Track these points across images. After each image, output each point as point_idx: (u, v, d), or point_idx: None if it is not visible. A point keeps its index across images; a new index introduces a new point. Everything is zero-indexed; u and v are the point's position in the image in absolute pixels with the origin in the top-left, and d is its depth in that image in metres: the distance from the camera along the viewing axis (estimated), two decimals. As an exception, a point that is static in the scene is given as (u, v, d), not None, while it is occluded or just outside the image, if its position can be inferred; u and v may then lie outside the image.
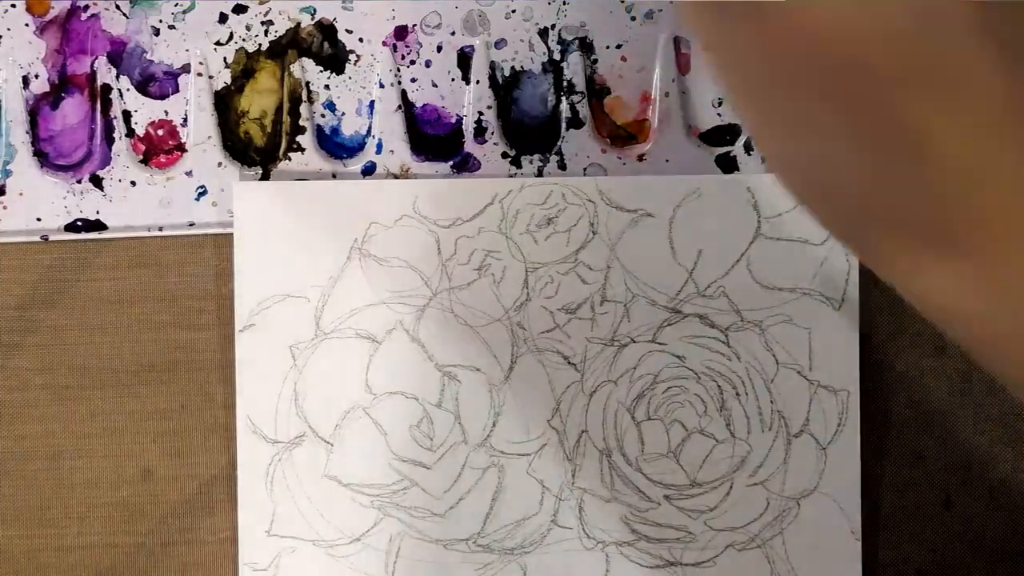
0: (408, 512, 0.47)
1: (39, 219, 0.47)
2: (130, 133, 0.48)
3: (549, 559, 0.47)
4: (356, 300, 0.47)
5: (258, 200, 0.47)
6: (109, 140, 0.48)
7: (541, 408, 0.47)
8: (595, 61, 0.49)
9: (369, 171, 0.48)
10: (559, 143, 0.48)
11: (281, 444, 0.47)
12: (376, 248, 0.47)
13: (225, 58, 0.48)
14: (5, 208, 0.47)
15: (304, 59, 0.48)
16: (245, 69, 0.48)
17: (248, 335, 0.47)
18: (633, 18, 0.48)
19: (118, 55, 0.48)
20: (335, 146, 0.48)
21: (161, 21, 0.48)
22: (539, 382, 0.48)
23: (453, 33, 0.48)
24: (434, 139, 0.49)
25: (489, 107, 0.48)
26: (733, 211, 0.48)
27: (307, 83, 0.48)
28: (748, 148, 0.49)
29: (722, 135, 0.49)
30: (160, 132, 0.48)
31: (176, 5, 0.47)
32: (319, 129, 0.48)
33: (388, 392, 0.47)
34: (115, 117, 0.48)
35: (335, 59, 0.48)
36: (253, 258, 0.47)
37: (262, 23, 0.48)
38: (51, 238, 0.47)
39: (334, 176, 0.48)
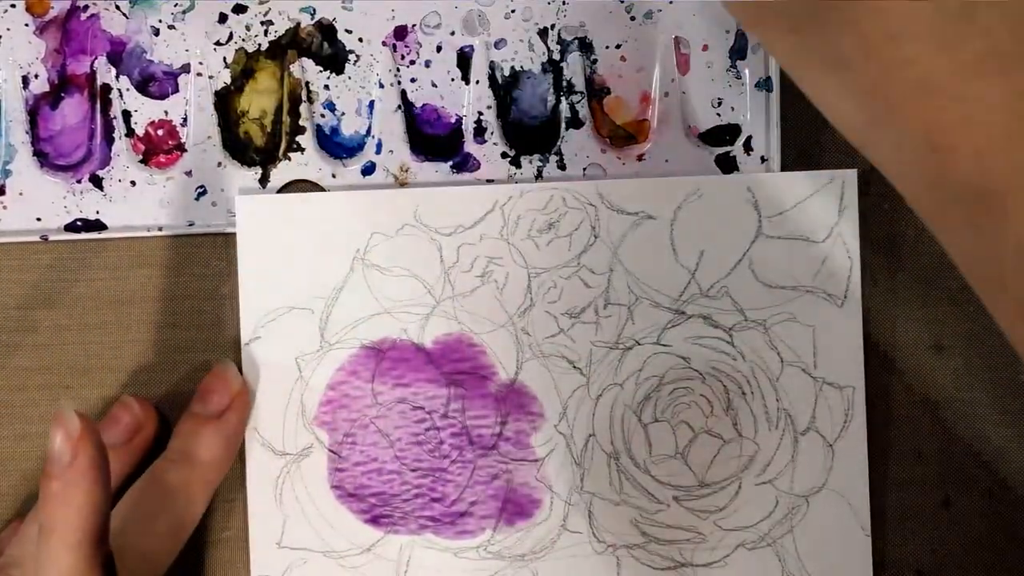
0: (418, 521, 0.47)
1: (39, 219, 0.47)
2: (130, 133, 0.48)
3: (560, 564, 0.47)
4: (360, 310, 0.47)
5: (260, 213, 0.47)
6: (109, 140, 0.47)
7: (548, 413, 0.47)
8: (595, 61, 0.49)
9: (368, 171, 0.48)
10: (559, 143, 0.48)
11: (290, 456, 0.47)
12: (378, 258, 0.47)
13: (225, 58, 0.48)
14: (5, 208, 0.47)
15: (304, 59, 0.48)
16: (245, 69, 0.48)
17: (254, 347, 0.47)
18: (633, 18, 0.49)
19: (118, 55, 0.48)
20: (335, 146, 0.48)
21: (161, 21, 0.48)
22: (545, 387, 0.47)
23: (453, 33, 0.48)
24: (434, 139, 0.49)
25: (489, 107, 0.48)
26: (734, 211, 0.48)
27: (307, 83, 0.48)
28: (747, 148, 0.49)
29: (721, 135, 0.49)
30: (160, 132, 0.48)
31: (176, 5, 0.47)
32: (319, 129, 0.48)
33: (395, 401, 0.47)
34: (115, 117, 0.47)
35: (335, 59, 0.48)
36: (257, 271, 0.47)
37: (262, 23, 0.48)
38: (51, 238, 0.47)
39: (334, 176, 0.48)
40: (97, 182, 0.47)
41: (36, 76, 0.47)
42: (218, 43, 0.48)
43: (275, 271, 0.47)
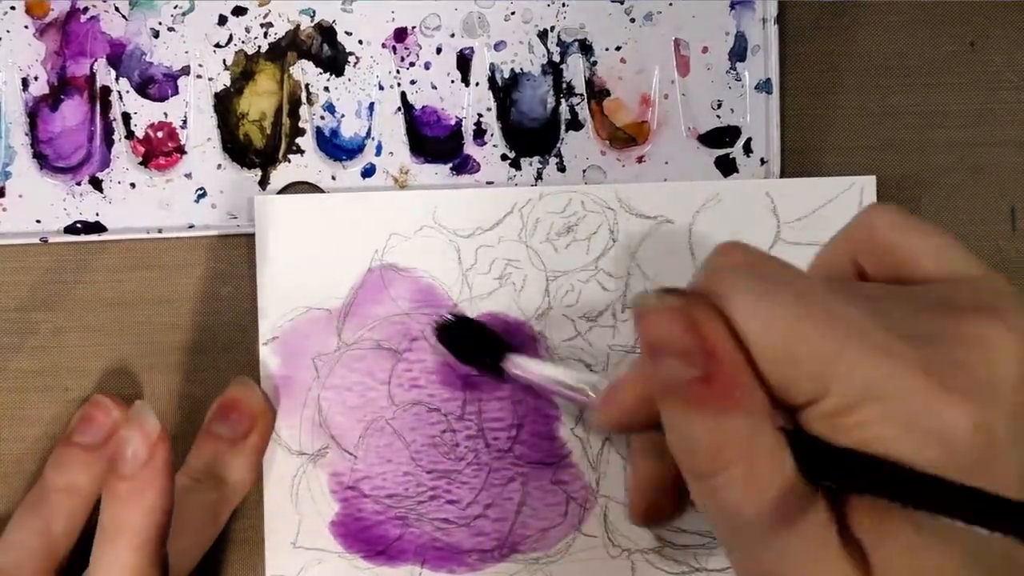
0: (433, 523, 0.47)
1: (38, 221, 0.47)
2: (129, 135, 0.48)
3: (574, 568, 0.47)
4: (377, 311, 0.47)
5: (279, 213, 0.47)
6: (108, 142, 0.47)
7: (564, 416, 0.47)
8: (594, 63, 0.49)
9: (368, 173, 0.48)
10: (558, 145, 0.48)
11: (306, 456, 0.47)
12: (397, 259, 0.47)
13: (224, 60, 0.48)
14: (5, 210, 0.47)
15: (303, 61, 0.48)
16: (244, 71, 0.48)
17: (271, 348, 0.47)
18: (632, 20, 0.48)
19: (117, 57, 0.48)
20: (334, 148, 0.48)
21: (160, 23, 0.48)
22: None
23: (452, 35, 0.48)
24: (433, 141, 0.49)
25: (488, 109, 0.48)
26: (753, 216, 0.47)
27: (306, 85, 0.48)
28: (747, 150, 0.49)
29: (721, 137, 0.49)
30: (159, 134, 0.48)
31: (175, 7, 0.47)
32: (318, 131, 0.48)
33: (411, 402, 0.47)
34: (114, 119, 0.47)
35: (334, 61, 0.48)
36: (275, 271, 0.47)
37: (261, 25, 0.48)
38: (51, 240, 0.47)
39: (333, 178, 0.48)
40: (97, 184, 0.47)
41: (36, 78, 0.47)
42: (218, 45, 0.48)
43: (293, 271, 0.47)
